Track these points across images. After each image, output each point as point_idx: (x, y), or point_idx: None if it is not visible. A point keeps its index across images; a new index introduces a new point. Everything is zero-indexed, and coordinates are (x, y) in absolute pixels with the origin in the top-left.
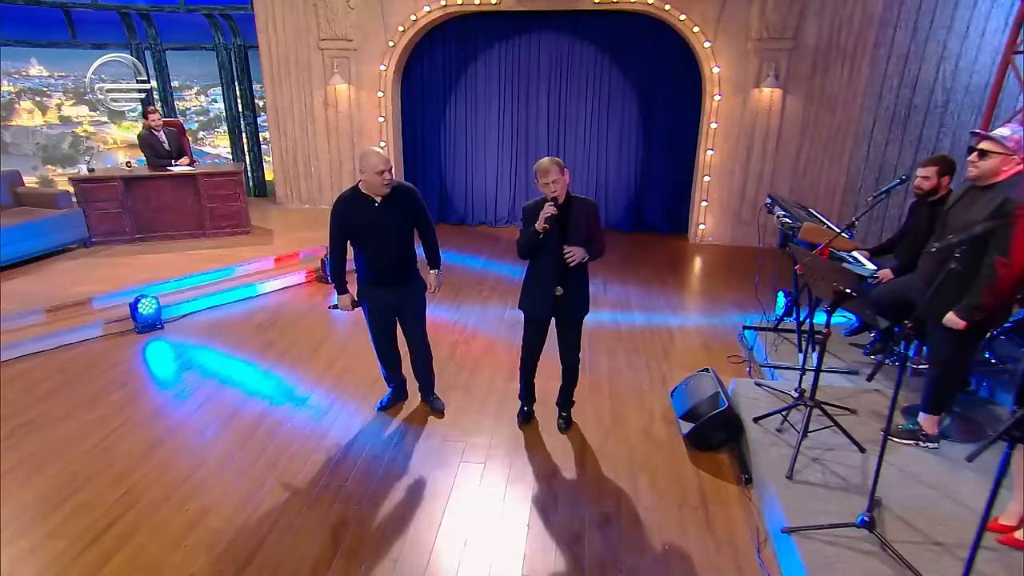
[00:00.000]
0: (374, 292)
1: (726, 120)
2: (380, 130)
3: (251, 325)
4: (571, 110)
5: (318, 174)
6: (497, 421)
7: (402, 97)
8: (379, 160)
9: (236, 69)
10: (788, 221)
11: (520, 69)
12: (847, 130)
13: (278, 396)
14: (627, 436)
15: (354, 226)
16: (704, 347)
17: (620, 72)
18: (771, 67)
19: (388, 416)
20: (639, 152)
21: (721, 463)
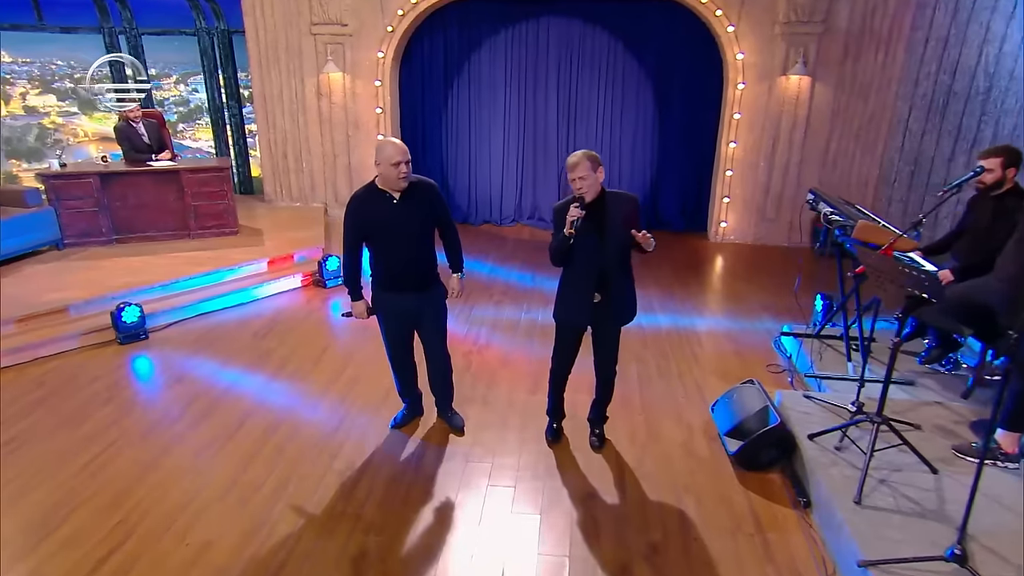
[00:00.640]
0: (390, 298)
1: (750, 110)
2: (378, 122)
3: (246, 333)
4: (582, 100)
5: (310, 169)
6: (523, 439)
7: (401, 87)
8: (396, 150)
9: (219, 56)
10: (838, 219)
11: (527, 56)
12: (881, 119)
13: (282, 411)
14: (666, 453)
15: (370, 226)
16: (737, 354)
17: (635, 59)
18: (799, 53)
19: (403, 434)
20: (655, 145)
21: (772, 484)
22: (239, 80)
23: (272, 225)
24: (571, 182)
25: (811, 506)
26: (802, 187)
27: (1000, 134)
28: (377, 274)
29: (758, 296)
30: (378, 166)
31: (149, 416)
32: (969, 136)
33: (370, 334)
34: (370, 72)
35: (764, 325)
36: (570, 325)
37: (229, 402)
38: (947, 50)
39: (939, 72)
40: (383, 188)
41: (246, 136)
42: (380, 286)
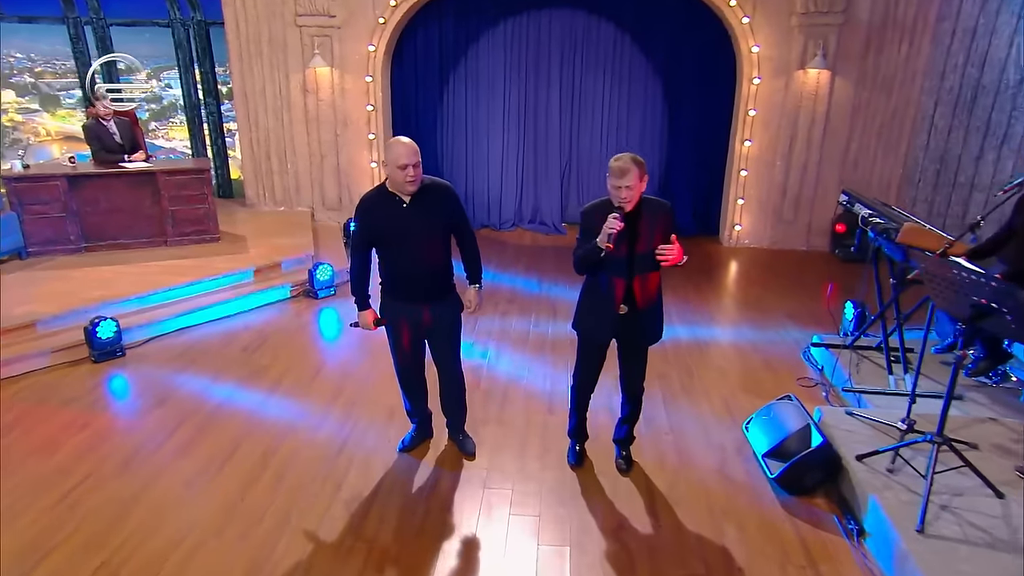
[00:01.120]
0: (400, 308)
1: (766, 106)
2: (369, 120)
3: (234, 349)
4: (586, 97)
5: (295, 171)
6: (543, 463)
7: (393, 83)
8: (403, 151)
9: (196, 49)
10: (879, 221)
11: (528, 50)
12: (904, 115)
13: (279, 434)
14: (700, 477)
15: (378, 230)
16: (766, 367)
17: (643, 53)
18: (818, 45)
19: (413, 458)
20: (664, 144)
21: (819, 510)
22: (217, 75)
23: (256, 231)
24: (614, 189)
25: (864, 535)
26: (821, 188)
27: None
28: (386, 282)
29: (781, 304)
30: (385, 167)
31: (131, 442)
32: (999, 132)
33: (370, 348)
34: (360, 67)
35: (790, 335)
36: (594, 339)
37: (219, 425)
38: (975, 41)
39: (967, 64)
40: (393, 191)
41: (225, 135)
42: (389, 295)
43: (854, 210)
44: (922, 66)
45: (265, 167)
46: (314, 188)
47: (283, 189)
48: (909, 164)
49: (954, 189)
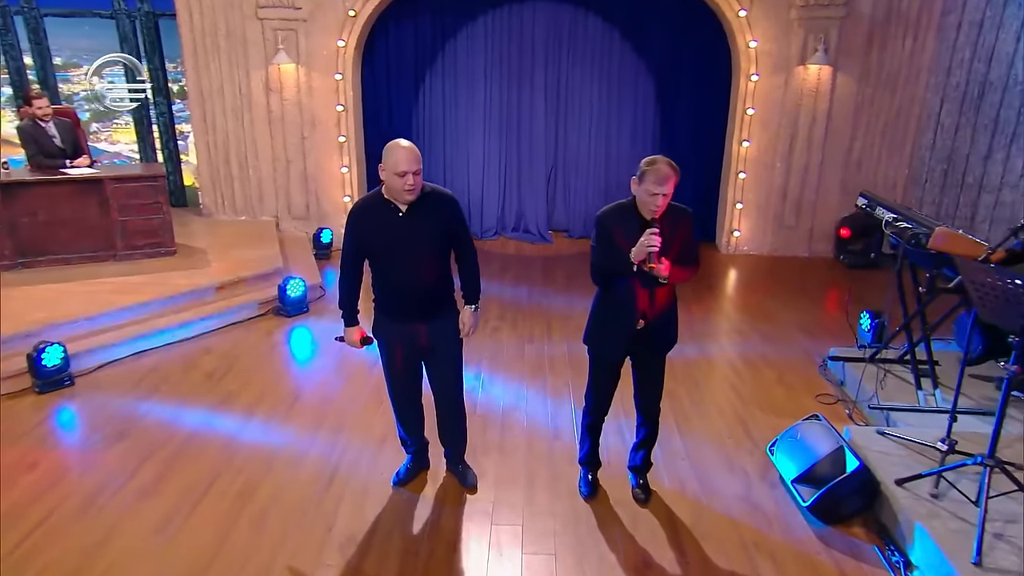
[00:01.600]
0: (395, 327)
1: (764, 104)
2: (339, 121)
3: (198, 374)
4: (573, 96)
5: (257, 177)
6: (553, 494)
7: (363, 81)
8: (403, 157)
9: (143, 43)
10: (907, 226)
11: (510, 46)
12: (909, 113)
13: (258, 469)
14: (725, 507)
15: (372, 241)
16: (780, 382)
17: (633, 49)
18: (819, 40)
19: (410, 493)
20: (657, 146)
21: (855, 540)
22: (167, 72)
23: (216, 243)
24: (649, 196)
25: (912, 568)
26: (823, 190)
27: None
28: (379, 298)
29: (788, 314)
30: (383, 172)
31: (89, 482)
32: (1008, 130)
33: (352, 371)
34: (329, 63)
35: (802, 347)
36: (609, 355)
37: (189, 460)
38: (982, 35)
39: (973, 60)
40: (390, 198)
41: (176, 138)
42: (382, 312)
43: (876, 214)
44: (927, 62)
45: (224, 173)
46: (279, 196)
47: (244, 197)
48: (915, 164)
49: (962, 190)
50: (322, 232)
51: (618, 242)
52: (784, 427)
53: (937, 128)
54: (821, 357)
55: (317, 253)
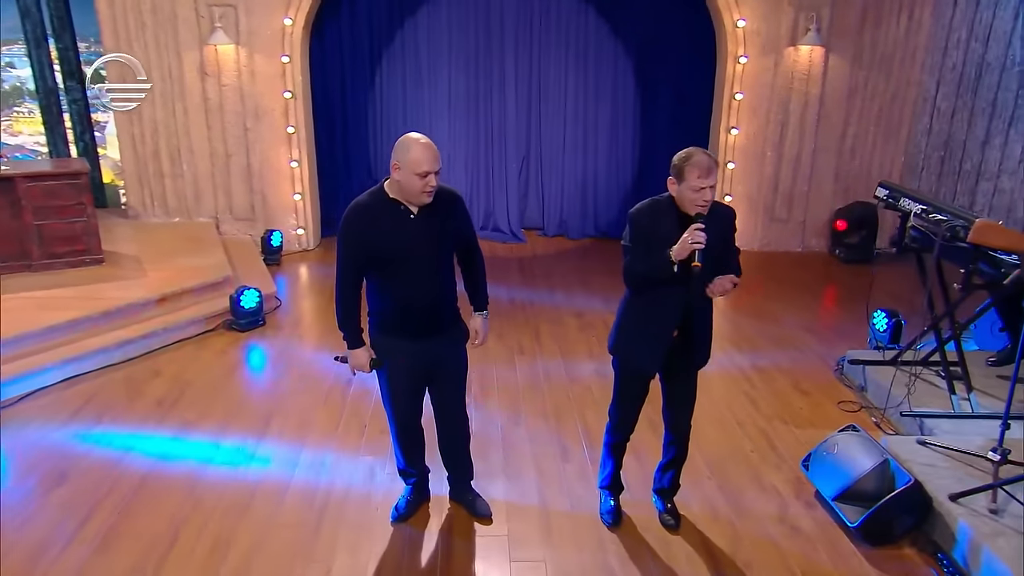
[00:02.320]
0: (400, 345)
1: (753, 89)
2: (287, 110)
3: (147, 401)
4: (548, 83)
5: (193, 174)
6: (574, 523)
7: (312, 64)
8: (427, 156)
9: (51, 21)
10: (943, 219)
11: (477, 26)
12: (905, 97)
13: (235, 511)
14: (763, 530)
15: (378, 247)
16: (797, 390)
17: (611, 30)
18: (811, 19)
19: (413, 529)
20: (637, 135)
21: (909, 563)
22: (79, 53)
23: (149, 250)
24: (694, 191)
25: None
26: (816, 181)
27: None
28: (382, 313)
29: (791, 315)
30: (396, 170)
31: (27, 541)
32: (1005, 114)
33: (324, 391)
34: (273, 44)
35: (813, 350)
36: (642, 368)
37: (148, 505)
38: (979, 12)
39: (970, 39)
40: (396, 198)
41: (93, 128)
42: (386, 329)
43: (900, 206)
44: (923, 41)
45: (153, 169)
46: (218, 194)
47: (177, 196)
48: (911, 151)
49: (959, 178)
50: (272, 235)
51: (655, 241)
52: (810, 439)
53: (933, 112)
54: (835, 360)
55: (267, 258)
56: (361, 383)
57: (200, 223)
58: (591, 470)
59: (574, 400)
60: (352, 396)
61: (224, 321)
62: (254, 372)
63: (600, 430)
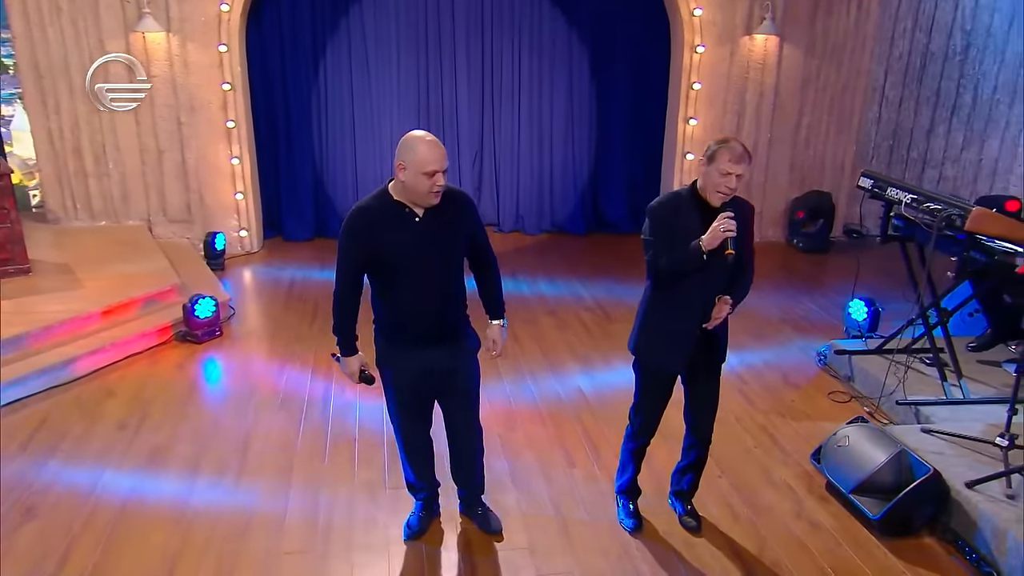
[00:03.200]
0: (408, 355)
1: (710, 79)
2: (225, 103)
3: (106, 425)
4: (501, 74)
5: (120, 173)
6: (595, 531)
7: (251, 53)
8: (434, 155)
9: None
10: (938, 207)
11: (428, 14)
12: (856, 87)
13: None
14: (784, 528)
15: (383, 252)
16: (787, 383)
17: (565, 21)
18: (766, 8)
19: (427, 546)
20: (594, 127)
21: (932, 553)
22: None
23: (79, 257)
24: (723, 176)
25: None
26: (772, 171)
27: (980, 100)
28: (388, 322)
29: (764, 306)
30: (402, 171)
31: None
32: (948, 103)
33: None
34: (209, 32)
35: (793, 342)
36: (667, 367)
37: (132, 541)
38: (922, 3)
39: (915, 29)
40: (401, 200)
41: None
42: (390, 338)
43: (887, 196)
44: (871, 31)
45: (74, 168)
46: (150, 195)
47: (103, 197)
48: (862, 140)
49: (907, 166)
50: (215, 237)
51: (676, 234)
52: (807, 431)
53: (882, 102)
54: (815, 351)
55: (210, 263)
56: (341, 395)
57: (130, 226)
58: (600, 475)
59: (567, 403)
60: (335, 410)
61: (177, 333)
62: (220, 388)
63: (599, 433)
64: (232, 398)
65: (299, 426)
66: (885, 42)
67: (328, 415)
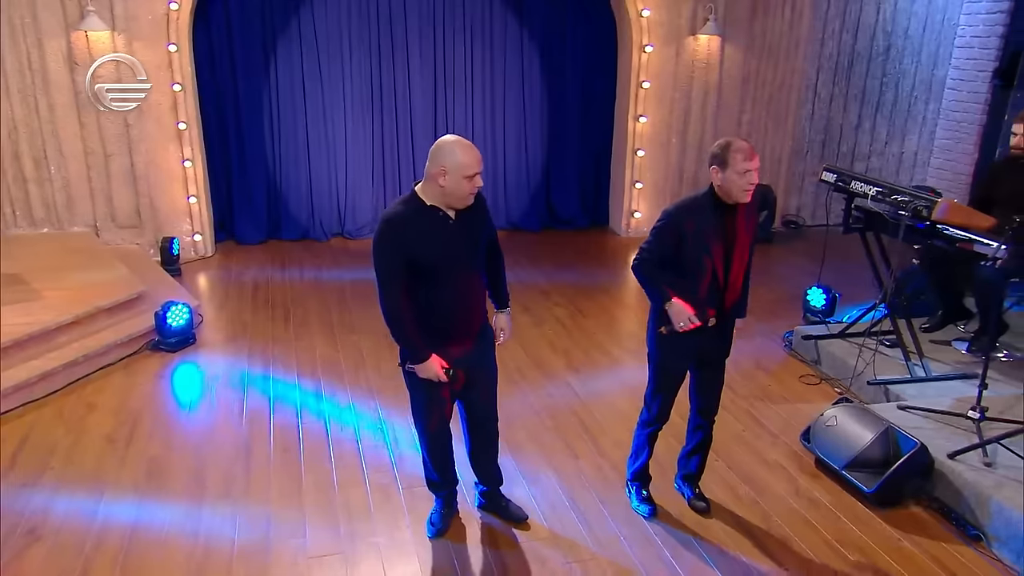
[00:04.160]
0: (440, 353)
1: (658, 78)
2: (174, 104)
3: (94, 439)
4: (455, 74)
5: (63, 177)
6: (616, 519)
7: (198, 52)
8: (472, 158)
9: None
10: (905, 199)
11: (379, 12)
12: (791, 85)
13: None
14: (786, 505)
15: (421, 256)
16: (760, 369)
17: (516, 20)
18: (708, 9)
19: (452, 543)
20: (546, 125)
21: (921, 520)
22: None
23: (31, 266)
24: (740, 175)
25: (987, 539)
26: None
27: (900, 97)
28: (422, 322)
29: None
30: (443, 176)
31: None
32: (873, 99)
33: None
34: (156, 31)
35: (760, 330)
36: (681, 360)
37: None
38: (848, 6)
39: (842, 31)
40: (435, 204)
41: None
42: (424, 338)
43: (851, 189)
44: (804, 32)
45: (13, 173)
46: (96, 200)
47: (44, 203)
48: (797, 136)
49: (838, 159)
50: (173, 243)
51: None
52: (788, 413)
53: (815, 99)
54: (780, 337)
55: (167, 269)
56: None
57: (76, 233)
58: (604, 464)
59: (559, 397)
60: (330, 412)
61: (148, 342)
62: (206, 397)
63: (595, 424)
64: (221, 406)
65: (297, 430)
66: (816, 43)
67: (324, 418)
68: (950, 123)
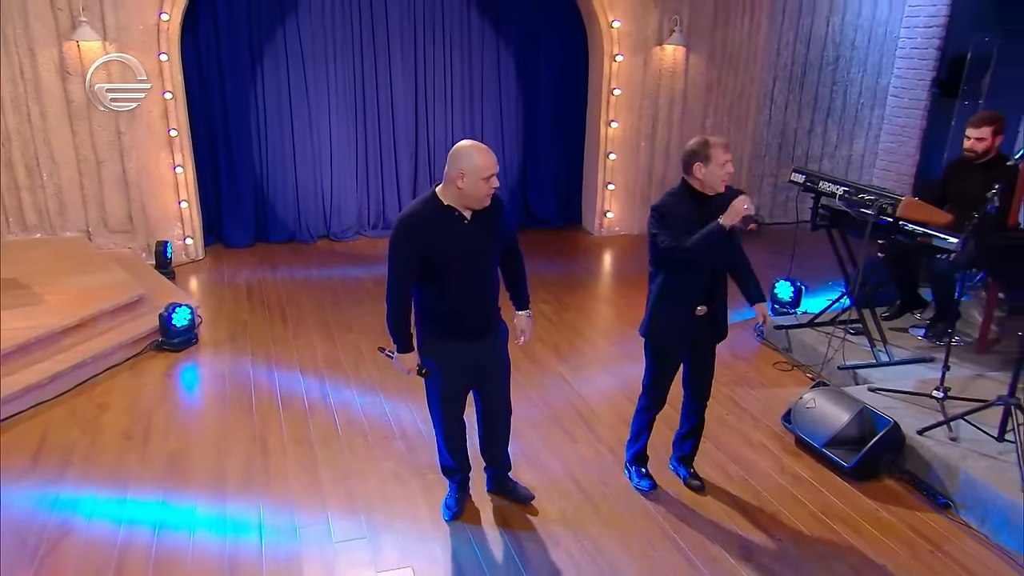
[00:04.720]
0: (454, 349)
1: (629, 85)
2: (165, 112)
3: (110, 437)
4: (435, 80)
5: (56, 184)
6: (617, 499)
7: (187, 61)
8: (489, 160)
9: None
10: (871, 198)
11: (361, 20)
12: (750, 92)
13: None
14: (773, 482)
15: (437, 254)
16: (736, 357)
17: (492, 28)
18: (674, 21)
19: (469, 526)
20: (521, 128)
21: (895, 492)
22: None
23: (28, 271)
24: (720, 167)
25: (955, 507)
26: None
27: (848, 103)
28: (438, 318)
29: None
30: (461, 178)
31: None
32: (824, 106)
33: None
34: (147, 41)
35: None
36: (677, 346)
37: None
38: (801, 19)
39: (796, 42)
40: (452, 204)
41: None
42: (440, 334)
43: (820, 188)
44: (762, 42)
45: (5, 180)
46: (88, 206)
47: (37, 210)
48: (756, 140)
49: (793, 162)
50: (166, 247)
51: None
52: (767, 397)
53: (771, 105)
54: (752, 327)
55: (162, 272)
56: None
57: (68, 238)
58: (601, 448)
59: (553, 387)
60: (337, 405)
61: (152, 343)
62: (215, 394)
63: (589, 411)
64: (231, 402)
65: (308, 423)
66: (773, 53)
67: (332, 411)
68: (893, 128)
